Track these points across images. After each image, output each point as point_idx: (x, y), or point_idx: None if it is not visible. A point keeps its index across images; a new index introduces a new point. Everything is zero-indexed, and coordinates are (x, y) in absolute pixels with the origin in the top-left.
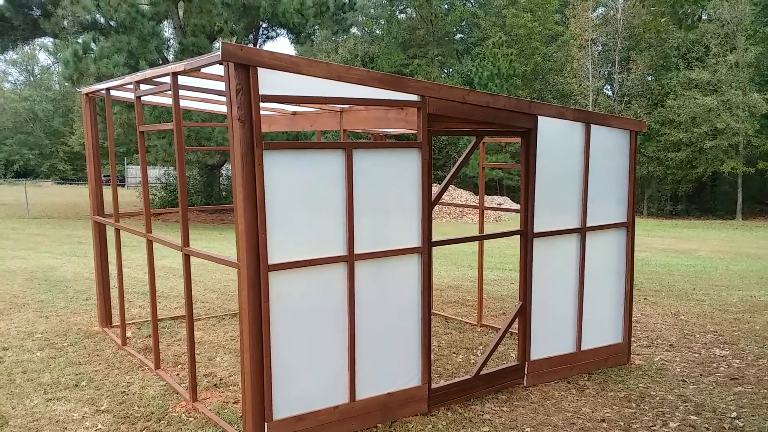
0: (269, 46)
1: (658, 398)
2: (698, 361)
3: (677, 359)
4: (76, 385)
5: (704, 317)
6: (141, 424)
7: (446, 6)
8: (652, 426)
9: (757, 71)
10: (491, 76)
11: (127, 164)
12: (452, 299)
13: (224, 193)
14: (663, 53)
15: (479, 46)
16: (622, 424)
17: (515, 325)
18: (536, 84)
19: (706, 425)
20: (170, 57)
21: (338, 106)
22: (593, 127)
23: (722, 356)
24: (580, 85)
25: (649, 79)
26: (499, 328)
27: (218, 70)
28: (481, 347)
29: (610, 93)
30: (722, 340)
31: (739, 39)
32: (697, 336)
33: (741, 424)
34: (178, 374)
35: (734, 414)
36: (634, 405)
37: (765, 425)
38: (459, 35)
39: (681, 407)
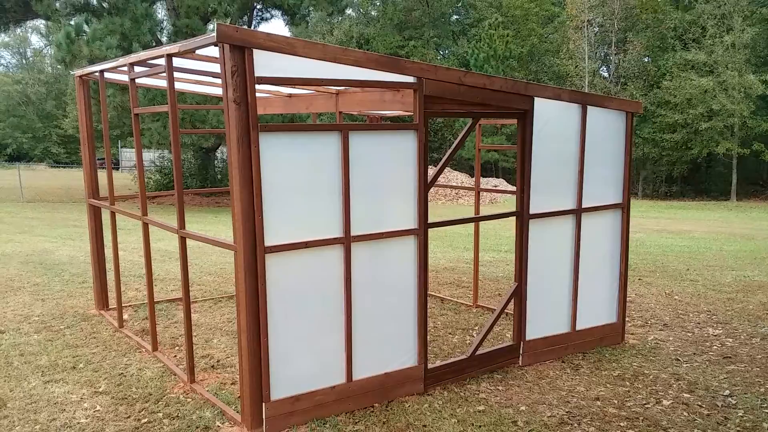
0: (264, 28)
1: (651, 377)
2: (692, 340)
3: (671, 338)
4: (74, 367)
5: (698, 297)
6: (139, 405)
7: None
8: (645, 404)
9: (753, 52)
10: (487, 57)
11: (121, 147)
12: (448, 281)
13: (219, 176)
14: (659, 34)
15: (475, 27)
16: (616, 402)
17: (511, 305)
18: (532, 65)
19: (699, 403)
20: (164, 39)
21: (334, 88)
22: (589, 108)
23: (715, 335)
24: (576, 66)
25: (646, 60)
26: (495, 309)
27: (213, 51)
28: (476, 328)
29: (606, 74)
30: (715, 319)
31: (735, 20)
32: (691, 315)
33: (734, 402)
34: (175, 356)
35: (727, 392)
36: (627, 383)
37: (757, 403)
38: (455, 16)
39: (674, 385)
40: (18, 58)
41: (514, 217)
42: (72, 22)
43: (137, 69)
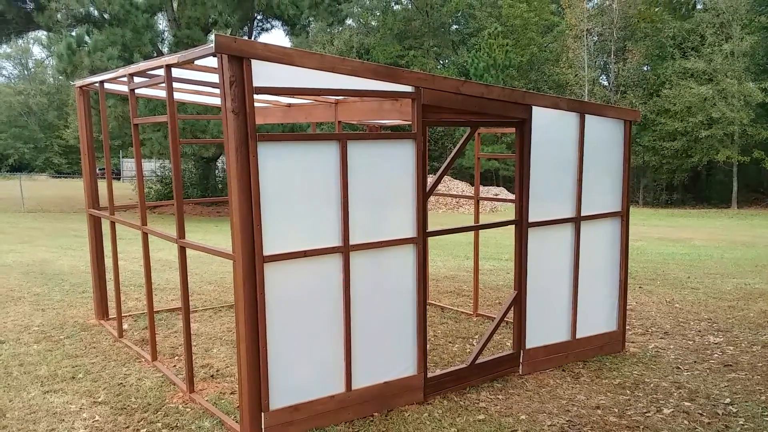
0: (264, 38)
1: (652, 385)
2: (692, 348)
3: (671, 346)
4: (73, 378)
5: (699, 305)
6: (138, 415)
7: None
8: (646, 412)
9: (752, 60)
10: (487, 66)
11: (122, 157)
12: (448, 289)
13: (220, 186)
14: (658, 43)
15: (475, 36)
16: (616, 410)
17: (510, 314)
18: (532, 75)
19: (700, 411)
20: (164, 49)
21: (333, 98)
22: (587, 117)
23: (716, 343)
24: (575, 75)
25: (645, 68)
26: (495, 318)
27: (212, 62)
28: (476, 336)
29: (605, 83)
30: (716, 327)
31: (734, 28)
32: (692, 323)
33: (734, 410)
34: (174, 366)
35: (728, 400)
36: (628, 392)
37: (758, 411)
38: (455, 26)
39: (675, 394)
40: (20, 69)
41: (513, 226)
42: (73, 33)
43: (137, 79)
